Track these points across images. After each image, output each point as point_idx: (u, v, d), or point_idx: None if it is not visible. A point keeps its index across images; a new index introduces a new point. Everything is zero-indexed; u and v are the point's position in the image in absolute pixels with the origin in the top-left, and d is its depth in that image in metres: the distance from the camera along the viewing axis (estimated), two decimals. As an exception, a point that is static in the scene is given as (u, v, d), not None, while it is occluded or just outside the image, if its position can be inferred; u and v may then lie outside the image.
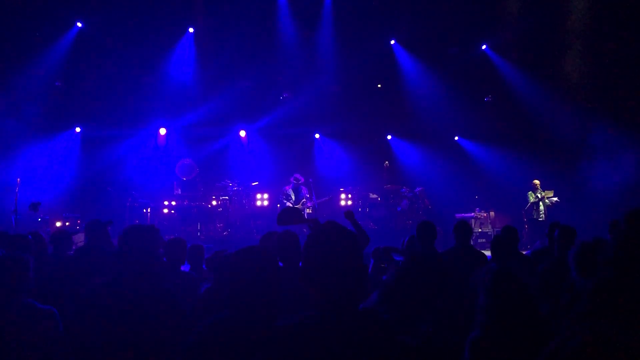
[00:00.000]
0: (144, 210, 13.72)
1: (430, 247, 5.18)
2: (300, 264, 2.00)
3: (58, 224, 12.38)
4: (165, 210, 13.85)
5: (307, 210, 12.71)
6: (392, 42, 15.59)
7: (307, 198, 12.66)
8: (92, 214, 12.12)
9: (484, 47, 15.46)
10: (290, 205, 12.34)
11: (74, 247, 8.82)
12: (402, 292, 3.06)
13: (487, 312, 2.63)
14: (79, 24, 13.90)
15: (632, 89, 13.43)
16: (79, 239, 11.51)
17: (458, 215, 13.37)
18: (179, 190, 14.62)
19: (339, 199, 14.73)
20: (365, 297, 2.97)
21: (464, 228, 5.65)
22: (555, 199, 12.90)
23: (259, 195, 14.60)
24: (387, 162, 16.23)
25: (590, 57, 13.71)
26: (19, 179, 11.17)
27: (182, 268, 5.29)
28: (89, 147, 14.72)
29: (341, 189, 14.84)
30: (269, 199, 14.54)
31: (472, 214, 13.78)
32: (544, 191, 12.96)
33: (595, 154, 13.43)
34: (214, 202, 14.17)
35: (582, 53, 13.81)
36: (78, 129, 14.88)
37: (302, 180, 12.69)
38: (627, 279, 2.23)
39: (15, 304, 3.10)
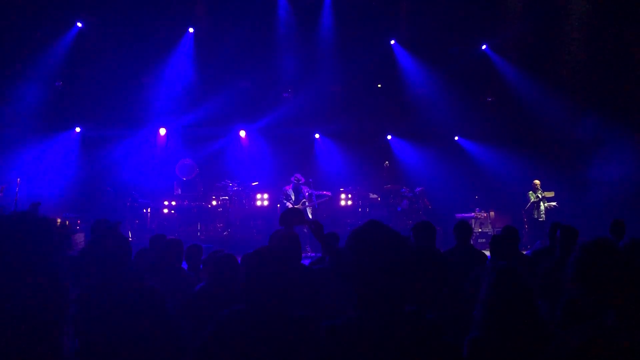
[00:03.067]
0: (144, 210, 13.72)
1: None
2: (343, 265, 1.96)
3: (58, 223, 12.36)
4: (165, 210, 13.84)
5: (308, 210, 12.69)
6: (392, 42, 15.58)
7: (307, 198, 12.65)
8: (92, 214, 12.13)
9: (484, 47, 15.45)
10: (290, 205, 12.34)
11: (73, 247, 8.77)
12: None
13: (488, 310, 2.61)
14: (79, 24, 13.89)
15: (633, 89, 13.43)
16: (79, 239, 11.51)
17: (458, 215, 13.36)
18: (179, 190, 14.62)
19: (339, 199, 14.72)
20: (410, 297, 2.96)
21: (465, 228, 5.64)
22: (554, 203, 12.89)
23: (259, 195, 14.59)
24: (387, 162, 16.21)
25: (590, 57, 13.71)
26: (18, 179, 11.17)
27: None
28: (88, 147, 14.71)
29: (341, 189, 14.82)
30: (269, 199, 14.52)
31: (472, 214, 13.78)
32: (544, 192, 12.95)
33: (595, 153, 13.43)
34: (214, 202, 14.16)
35: (583, 53, 13.81)
36: (78, 129, 14.87)
37: (303, 180, 12.68)
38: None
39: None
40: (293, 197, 12.54)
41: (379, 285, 1.87)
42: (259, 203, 14.55)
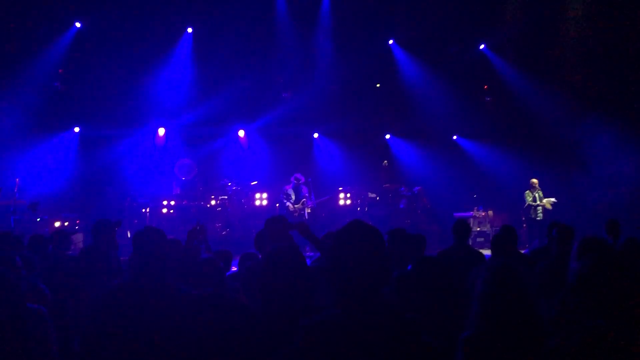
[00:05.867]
0: (143, 210, 13.72)
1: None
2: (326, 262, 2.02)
3: (57, 224, 12.37)
4: (164, 210, 13.84)
5: (307, 210, 12.73)
6: (391, 41, 15.60)
7: (307, 197, 12.70)
8: (91, 214, 12.15)
9: (482, 46, 15.46)
10: (291, 204, 12.39)
11: (72, 247, 8.79)
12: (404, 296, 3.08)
13: (483, 307, 2.60)
14: (78, 24, 13.88)
15: (630, 88, 13.46)
16: (78, 239, 11.51)
17: (457, 215, 13.37)
18: (178, 190, 14.62)
19: (338, 199, 14.74)
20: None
21: (463, 227, 5.65)
22: (553, 199, 12.85)
23: (257, 195, 14.60)
24: (386, 161, 16.22)
25: (588, 56, 13.73)
26: (17, 180, 11.17)
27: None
28: (87, 147, 14.69)
29: (340, 188, 14.84)
30: (267, 199, 14.54)
31: (471, 213, 13.79)
32: (545, 198, 12.85)
33: (593, 152, 13.45)
34: (213, 202, 14.17)
35: (580, 52, 13.83)
36: (77, 129, 14.85)
37: (303, 180, 12.72)
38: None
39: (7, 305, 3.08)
40: (293, 197, 12.58)
41: (355, 283, 1.89)
42: (257, 203, 14.57)
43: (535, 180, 12.96)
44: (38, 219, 11.97)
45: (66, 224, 12.59)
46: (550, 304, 3.73)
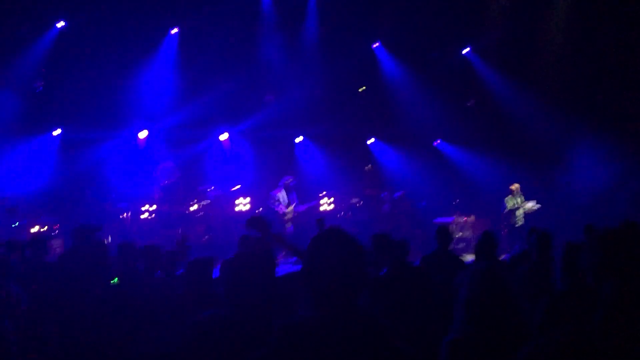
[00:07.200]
0: (124, 215, 13.55)
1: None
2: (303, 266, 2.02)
3: (35, 228, 12.17)
4: (145, 215, 13.69)
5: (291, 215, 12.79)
6: (375, 45, 15.67)
7: (297, 202, 12.80)
8: (71, 218, 11.97)
9: (465, 51, 15.59)
10: (282, 207, 12.47)
11: (51, 252, 8.66)
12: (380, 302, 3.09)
13: (468, 310, 2.62)
14: (60, 24, 13.69)
15: (612, 94, 13.66)
16: (57, 243, 11.34)
17: (437, 220, 13.42)
18: (160, 194, 14.47)
19: (320, 204, 14.73)
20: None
21: (445, 233, 5.78)
22: (534, 206, 12.94)
23: (240, 200, 14.52)
24: (369, 165, 16.25)
25: (571, 61, 13.91)
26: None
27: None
28: (68, 150, 14.47)
29: (321, 193, 14.82)
30: (250, 203, 14.47)
31: (452, 218, 13.85)
32: (526, 202, 12.94)
33: (573, 158, 13.62)
34: (195, 207, 14.05)
35: (563, 57, 14.01)
36: (58, 131, 14.62)
37: (293, 182, 12.83)
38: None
39: None
40: (286, 200, 12.66)
41: (331, 288, 1.91)
42: (239, 207, 14.48)
43: (516, 186, 13.07)
44: (16, 223, 11.78)
45: (45, 228, 12.39)
46: (531, 309, 3.77)
